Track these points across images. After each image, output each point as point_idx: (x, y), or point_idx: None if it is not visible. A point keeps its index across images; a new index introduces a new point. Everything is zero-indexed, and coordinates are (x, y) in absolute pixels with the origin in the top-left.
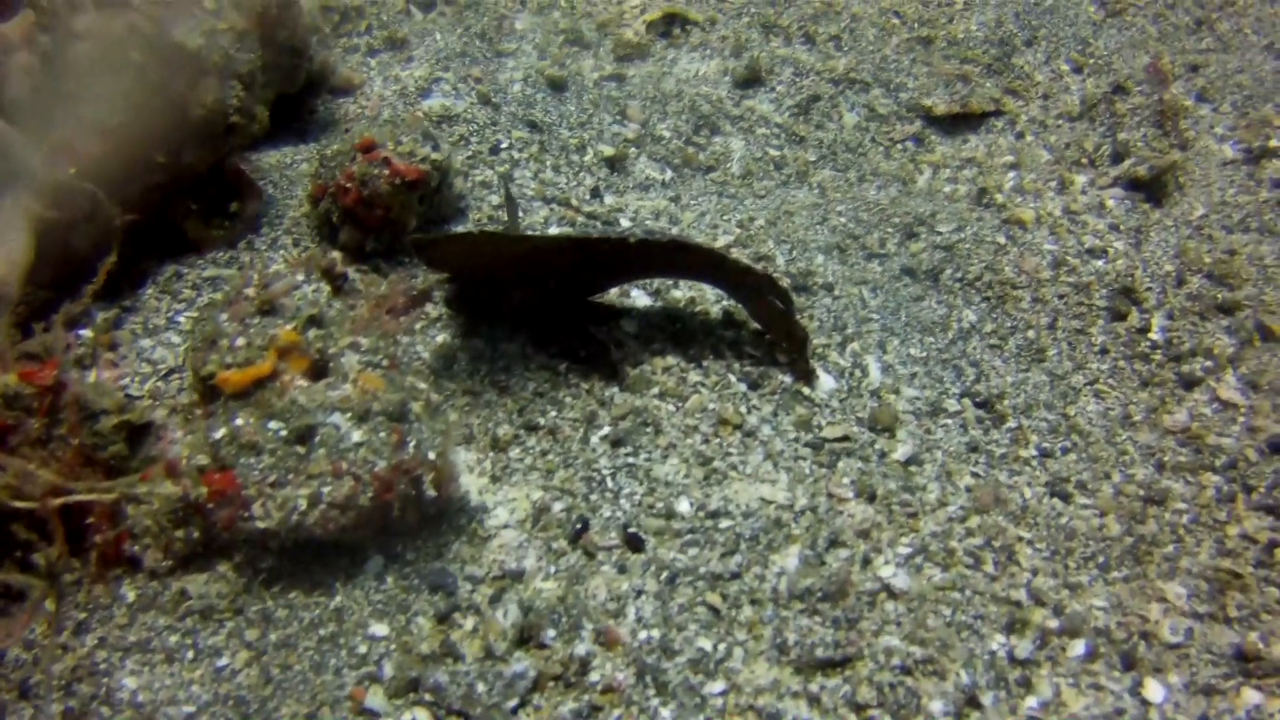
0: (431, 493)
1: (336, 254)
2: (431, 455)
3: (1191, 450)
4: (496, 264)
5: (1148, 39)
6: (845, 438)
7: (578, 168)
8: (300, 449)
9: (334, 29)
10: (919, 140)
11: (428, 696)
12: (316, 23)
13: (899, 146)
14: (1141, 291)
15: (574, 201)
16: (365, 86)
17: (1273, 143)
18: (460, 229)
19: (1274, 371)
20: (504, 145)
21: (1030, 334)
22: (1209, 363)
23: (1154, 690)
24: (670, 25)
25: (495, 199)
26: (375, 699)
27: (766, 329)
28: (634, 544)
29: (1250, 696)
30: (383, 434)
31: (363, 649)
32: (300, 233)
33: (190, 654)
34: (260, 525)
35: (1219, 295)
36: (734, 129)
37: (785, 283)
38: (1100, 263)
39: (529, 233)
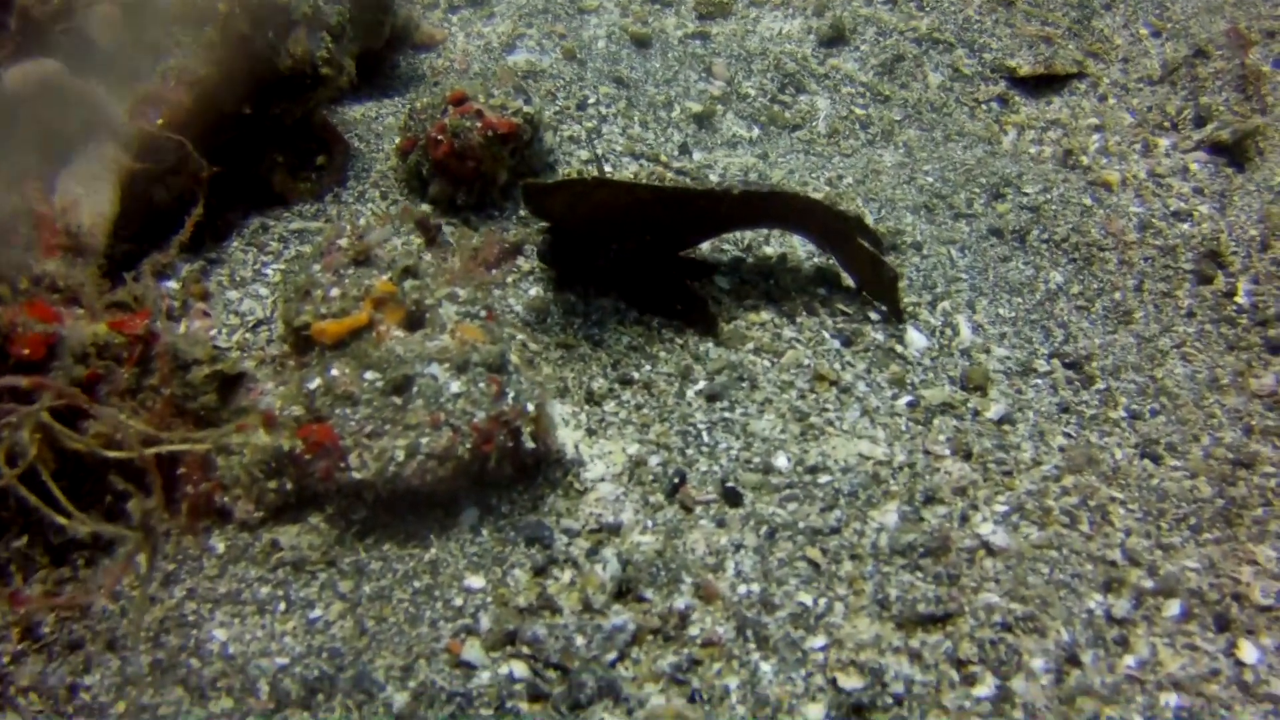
0: (530, 445)
1: (427, 207)
2: (530, 407)
3: (1279, 415)
4: (601, 213)
5: (1224, 4)
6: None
7: (665, 124)
8: (397, 400)
9: None
10: (1003, 101)
11: (525, 650)
12: None
13: (983, 107)
14: (1227, 255)
15: (663, 158)
16: (447, 42)
17: None
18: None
19: None
20: (591, 101)
21: (1117, 296)
22: None
23: (1248, 651)
24: None
25: (584, 154)
26: (472, 651)
27: (857, 274)
28: (732, 498)
29: None
30: (482, 385)
31: (459, 601)
32: (388, 186)
33: (282, 605)
34: (356, 476)
35: None
36: (819, 88)
37: None
38: (1186, 226)
39: (636, 180)
